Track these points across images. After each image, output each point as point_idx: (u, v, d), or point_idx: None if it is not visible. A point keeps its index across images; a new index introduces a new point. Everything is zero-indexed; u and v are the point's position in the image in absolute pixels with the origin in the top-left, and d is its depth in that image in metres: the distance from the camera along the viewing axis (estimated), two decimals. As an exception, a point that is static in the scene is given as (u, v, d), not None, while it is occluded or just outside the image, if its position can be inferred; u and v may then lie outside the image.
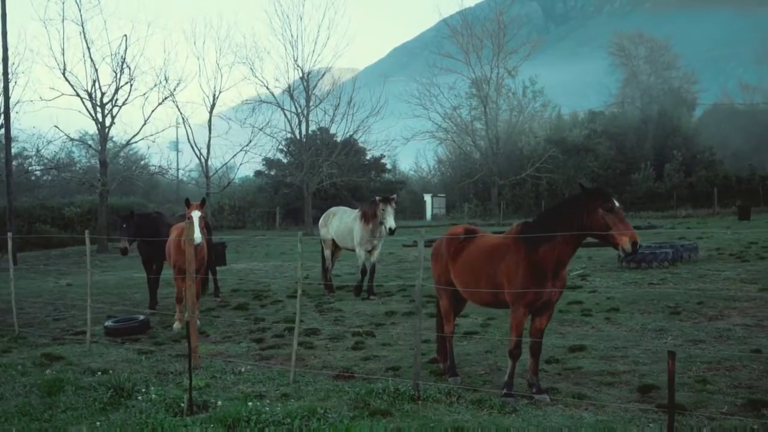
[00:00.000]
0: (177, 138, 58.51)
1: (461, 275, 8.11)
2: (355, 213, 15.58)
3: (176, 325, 12.59)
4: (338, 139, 45.45)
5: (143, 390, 8.25)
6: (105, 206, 32.36)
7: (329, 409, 7.29)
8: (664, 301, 12.92)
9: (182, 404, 7.70)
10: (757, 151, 61.09)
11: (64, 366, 9.99)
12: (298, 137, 41.83)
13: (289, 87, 41.28)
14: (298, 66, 41.13)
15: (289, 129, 41.93)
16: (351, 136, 45.01)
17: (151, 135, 34.15)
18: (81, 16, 33.34)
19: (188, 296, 9.96)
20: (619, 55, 70.38)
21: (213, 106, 37.82)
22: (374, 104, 41.68)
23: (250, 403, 7.45)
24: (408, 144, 53.43)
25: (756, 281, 14.56)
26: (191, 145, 36.88)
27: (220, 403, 7.84)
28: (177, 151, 59.34)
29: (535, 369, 7.70)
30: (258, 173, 50.22)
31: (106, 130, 32.15)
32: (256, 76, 41.45)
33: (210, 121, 37.34)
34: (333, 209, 16.65)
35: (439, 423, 6.86)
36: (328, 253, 16.07)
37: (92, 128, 34.09)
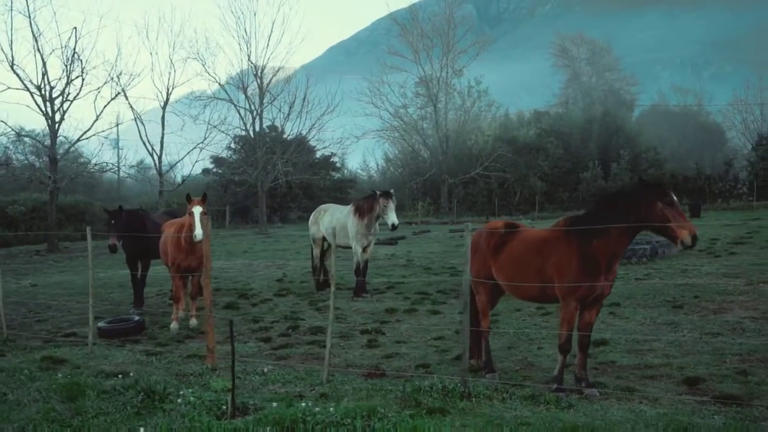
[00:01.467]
0: (117, 134, 56.97)
1: (505, 269, 8.02)
2: (347, 209, 15.34)
3: (173, 325, 12.17)
4: (288, 137, 44.91)
5: (177, 393, 7.89)
6: (55, 204, 31.16)
7: (386, 408, 7.10)
8: (660, 296, 13.13)
9: (223, 406, 7.42)
10: (691, 151, 63.16)
11: (71, 369, 9.53)
12: (252, 135, 41.16)
13: (243, 83, 40.59)
14: (251, 63, 40.51)
15: (242, 126, 41.22)
16: (301, 133, 44.55)
17: (104, 131, 33.09)
18: (28, 6, 32.06)
19: (206, 294, 9.62)
20: (561, 56, 71.68)
21: (166, 102, 36.87)
22: (329, 102, 41.34)
23: (303, 404, 7.20)
24: (355, 142, 53.24)
25: (738, 276, 14.92)
26: (143, 142, 35.84)
27: (253, 403, 7.59)
28: (118, 148, 57.77)
29: (584, 363, 7.67)
30: (206, 171, 49.24)
31: (56, 125, 30.92)
32: (207, 72, 40.55)
33: (163, 117, 36.32)
34: (323, 206, 16.37)
35: (503, 419, 6.75)
36: (317, 251, 15.77)
37: (41, 124, 32.77)
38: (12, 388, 8.50)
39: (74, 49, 31.51)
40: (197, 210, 11.42)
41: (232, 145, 48.07)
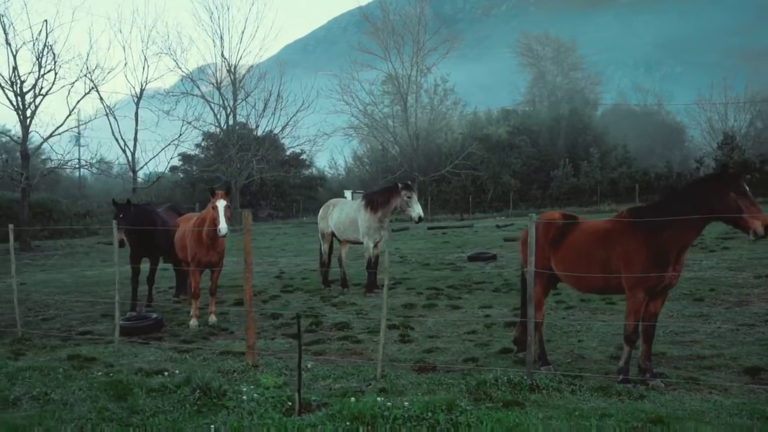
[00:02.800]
0: (78, 130, 55.64)
1: (566, 261, 7.97)
2: (357, 203, 15.12)
3: (192, 322, 11.86)
4: (258, 134, 44.41)
5: (233, 390, 7.66)
6: (27, 202, 30.23)
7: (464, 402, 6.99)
8: (675, 289, 13.23)
9: (289, 403, 7.24)
10: (652, 150, 64.37)
11: (105, 367, 9.21)
12: (220, 132, 40.57)
13: (217, 80, 40.03)
14: (224, 58, 39.99)
15: (216, 123, 40.62)
16: (272, 131, 44.10)
17: (76, 127, 32.25)
18: (-3, -3, 31.04)
19: (246, 289, 9.38)
20: (526, 55, 72.32)
21: (140, 98, 36.03)
22: (304, 98, 40.99)
23: (378, 398, 7.05)
24: (323, 140, 52.89)
25: (743, 269, 15.17)
26: (116, 138, 35.00)
27: (314, 399, 7.43)
28: (79, 145, 56.45)
29: (648, 354, 7.66)
30: (174, 169, 48.43)
31: (28, 121, 30.00)
32: (179, 68, 39.78)
33: (137, 113, 35.53)
34: (332, 201, 16.12)
35: (582, 411, 6.69)
36: (325, 247, 15.53)
37: (13, 119, 31.73)
38: (51, 388, 8.17)
39: (45, 42, 30.65)
40: (221, 204, 11.16)
41: (202, 143, 47.31)
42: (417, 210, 13.90)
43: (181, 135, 36.62)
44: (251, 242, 9.50)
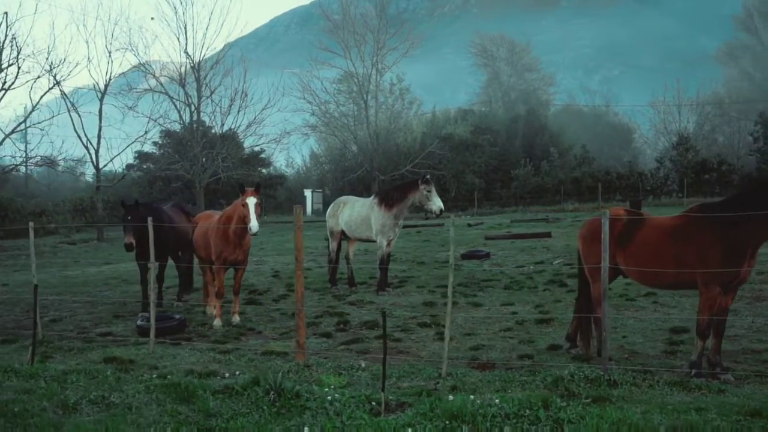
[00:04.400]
0: (26, 126, 53.88)
1: (636, 257, 8.01)
2: (369, 201, 14.95)
3: (217, 322, 11.58)
4: (217, 132, 43.64)
5: (306, 391, 7.46)
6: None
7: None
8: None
9: (373, 403, 7.10)
10: (601, 149, 65.81)
11: (149, 369, 8.91)
12: (191, 129, 39.79)
13: (181, 77, 39.21)
14: (188, 55, 39.21)
15: (180, 120, 39.79)
16: (231, 129, 43.40)
17: (39, 123, 31.15)
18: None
19: (298, 287, 9.20)
20: (481, 55, 73.01)
21: (104, 94, 34.97)
22: (270, 96, 40.44)
23: (471, 396, 6.98)
24: (287, 139, 52.26)
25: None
26: (78, 135, 33.87)
27: (391, 398, 7.32)
28: (26, 142, 54.65)
29: (719, 348, 7.77)
30: (130, 167, 47.24)
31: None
32: (142, 64, 38.60)
33: (101, 110, 34.48)
34: (342, 198, 15.91)
35: (673, 405, 6.73)
36: (334, 245, 15.32)
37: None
38: (107, 391, 7.85)
39: (6, 34, 29.53)
40: (251, 201, 10.95)
41: (159, 140, 46.30)
42: (437, 203, 13.84)
43: (147, 132, 35.78)
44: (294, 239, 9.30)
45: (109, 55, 36.28)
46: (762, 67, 70.39)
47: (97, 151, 34.57)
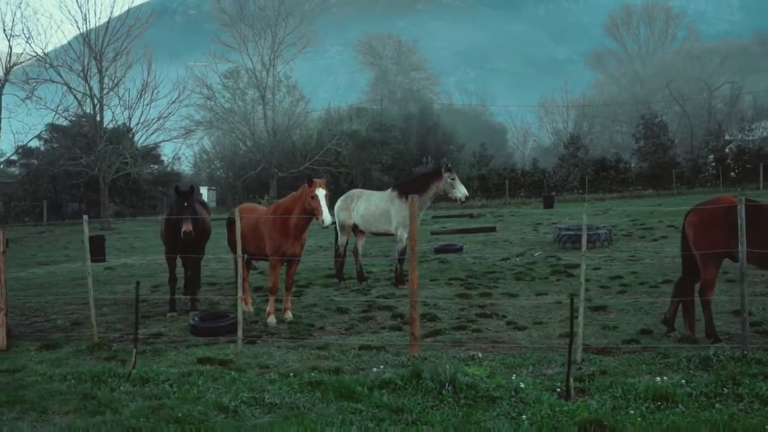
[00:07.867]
0: None
1: (758, 243, 8.42)
2: (386, 194, 14.70)
3: (271, 320, 11.07)
4: (108, 126, 41.43)
5: (468, 382, 7.35)
6: None
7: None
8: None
9: (557, 390, 7.14)
10: (484, 147, 68.19)
11: (261, 369, 8.47)
12: (94, 123, 37.47)
13: (84, 67, 36.86)
14: (90, 46, 36.88)
15: (81, 112, 37.40)
16: (125, 123, 41.36)
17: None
18: None
19: (413, 278, 9.02)
20: (368, 54, 73.47)
21: (4, 83, 32.21)
22: (179, 90, 38.89)
23: (657, 378, 7.15)
24: (171, 135, 50.43)
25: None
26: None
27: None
28: None
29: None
30: (11, 163, 43.88)
31: None
32: (40, 57, 35.85)
33: (0, 99, 31.78)
34: (354, 192, 15.55)
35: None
36: (343, 239, 14.99)
37: None
38: (254, 392, 7.43)
39: None
40: (321, 192, 10.57)
41: (44, 134, 43.30)
42: (462, 190, 13.90)
43: (52, 123, 33.35)
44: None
45: (9, 41, 33.46)
46: (626, 71, 75.35)
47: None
